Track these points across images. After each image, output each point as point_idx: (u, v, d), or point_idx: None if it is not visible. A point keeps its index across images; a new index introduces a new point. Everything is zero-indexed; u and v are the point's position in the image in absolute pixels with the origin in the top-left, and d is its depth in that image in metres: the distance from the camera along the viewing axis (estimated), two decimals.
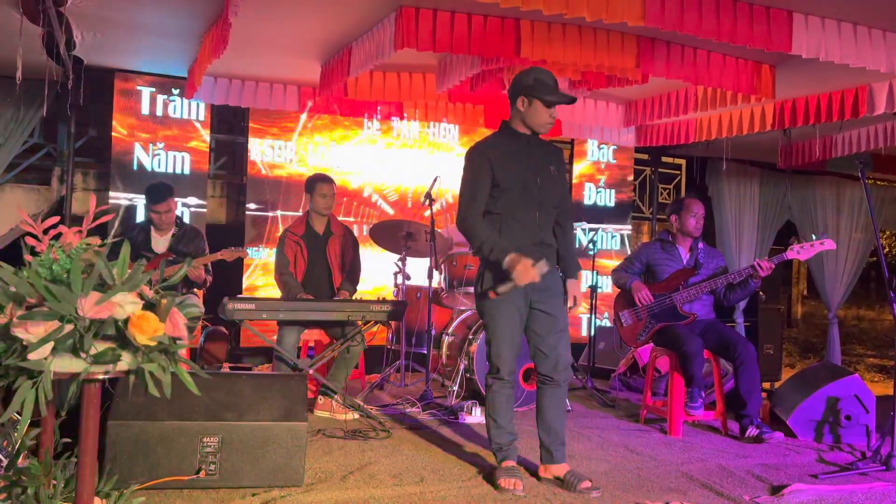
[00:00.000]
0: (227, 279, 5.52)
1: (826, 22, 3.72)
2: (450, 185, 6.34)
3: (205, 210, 5.72)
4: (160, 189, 4.50)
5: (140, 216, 5.31)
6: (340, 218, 5.26)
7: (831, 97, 4.81)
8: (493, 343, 3.08)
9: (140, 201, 5.32)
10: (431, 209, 4.81)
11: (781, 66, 4.42)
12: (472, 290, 4.83)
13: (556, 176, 3.12)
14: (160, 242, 4.52)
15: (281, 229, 5.65)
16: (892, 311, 3.55)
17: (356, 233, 5.06)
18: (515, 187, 3.02)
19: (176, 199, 4.61)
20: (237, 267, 5.67)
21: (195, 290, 4.65)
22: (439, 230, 5.04)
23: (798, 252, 4.06)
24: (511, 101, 3.07)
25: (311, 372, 4.04)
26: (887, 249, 16.56)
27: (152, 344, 1.61)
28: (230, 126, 6.10)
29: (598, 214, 7.04)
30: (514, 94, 3.05)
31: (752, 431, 3.98)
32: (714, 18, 3.52)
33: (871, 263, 10.78)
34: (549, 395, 3.12)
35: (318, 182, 4.59)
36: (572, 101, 3.04)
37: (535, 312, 3.08)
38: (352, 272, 4.65)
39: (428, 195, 4.82)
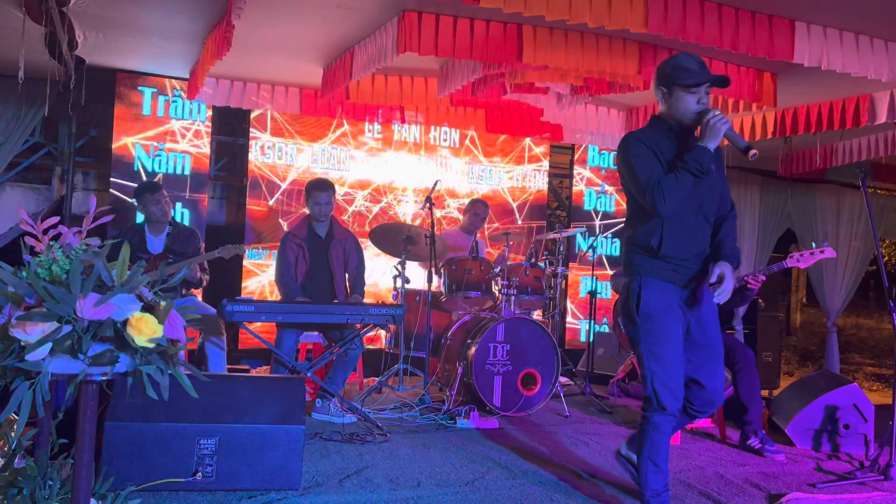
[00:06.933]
0: (226, 280, 5.52)
1: (828, 31, 3.73)
2: (447, 190, 6.35)
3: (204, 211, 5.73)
4: (151, 183, 4.73)
5: (138, 217, 5.29)
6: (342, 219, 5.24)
7: (832, 106, 4.82)
8: (657, 372, 2.66)
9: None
10: (432, 213, 4.81)
11: (783, 75, 4.43)
12: (471, 294, 4.86)
13: (715, 175, 2.72)
14: (156, 243, 4.51)
15: (283, 232, 5.64)
16: (891, 321, 3.55)
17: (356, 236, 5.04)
18: None
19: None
20: (237, 268, 5.67)
21: (192, 290, 4.65)
22: (439, 234, 5.03)
23: (798, 260, 4.05)
24: (656, 95, 2.78)
25: (309, 375, 4.03)
26: (887, 258, 16.52)
27: (150, 346, 1.60)
28: (231, 128, 6.11)
29: (598, 220, 7.05)
30: (656, 87, 2.74)
31: (754, 443, 3.95)
32: (716, 26, 3.52)
33: (871, 272, 10.76)
34: (677, 426, 2.83)
35: (313, 190, 4.58)
36: (724, 82, 2.66)
37: (692, 339, 2.76)
38: (358, 279, 4.64)
39: (428, 199, 4.82)
